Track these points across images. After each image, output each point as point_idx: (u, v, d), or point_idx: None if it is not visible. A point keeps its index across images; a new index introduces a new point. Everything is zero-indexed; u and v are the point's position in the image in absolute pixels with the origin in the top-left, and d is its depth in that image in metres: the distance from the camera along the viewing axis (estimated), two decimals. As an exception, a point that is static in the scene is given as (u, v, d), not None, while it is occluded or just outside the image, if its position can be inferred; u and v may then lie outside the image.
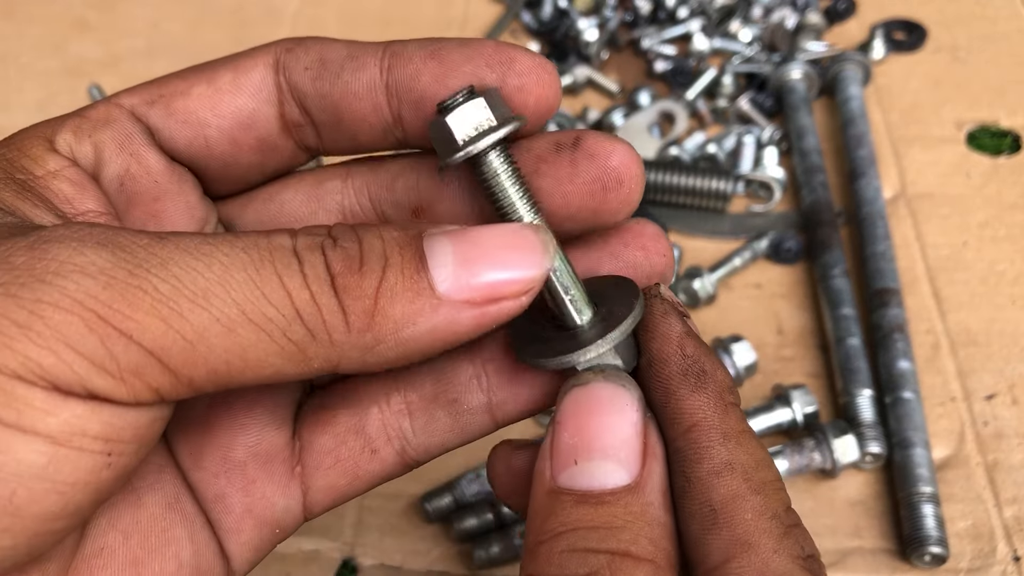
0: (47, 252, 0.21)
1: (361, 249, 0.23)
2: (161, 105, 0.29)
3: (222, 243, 0.22)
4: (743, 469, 0.25)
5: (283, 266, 0.22)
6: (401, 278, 0.23)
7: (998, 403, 0.57)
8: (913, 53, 0.82)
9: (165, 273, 0.21)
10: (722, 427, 0.25)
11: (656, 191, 0.68)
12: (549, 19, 0.85)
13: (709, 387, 0.26)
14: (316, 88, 0.28)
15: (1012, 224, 0.68)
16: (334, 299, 0.22)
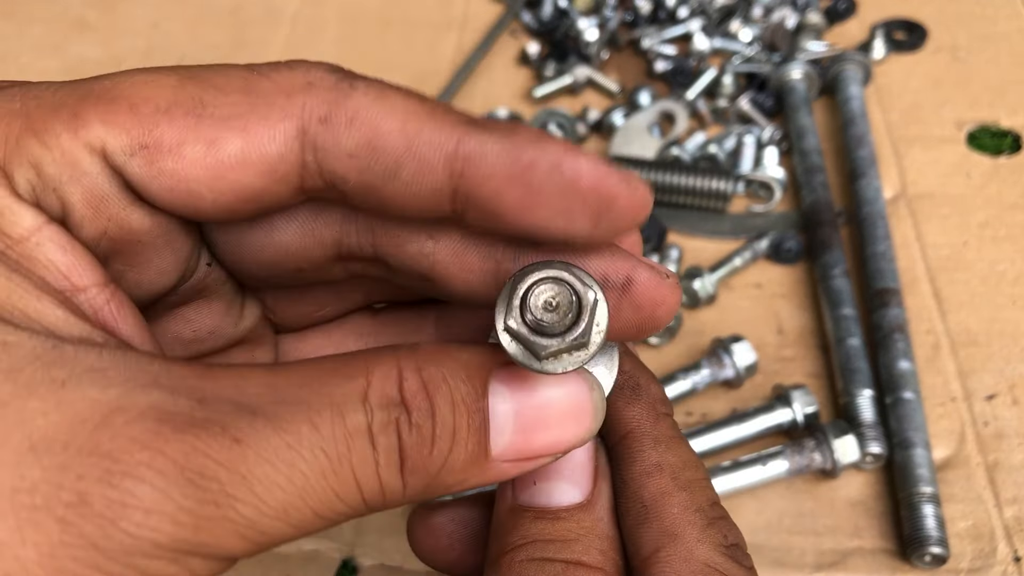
0: (126, 496, 0.19)
1: (434, 426, 0.22)
2: (143, 158, 0.23)
3: (302, 445, 0.21)
4: (671, 469, 0.27)
5: (359, 463, 0.22)
6: (464, 453, 0.23)
7: (998, 403, 0.57)
8: (913, 53, 0.82)
9: (249, 496, 0.20)
10: (653, 433, 0.28)
11: (656, 191, 0.68)
12: (549, 19, 0.85)
13: (643, 399, 0.29)
14: (362, 181, 0.23)
15: (1012, 224, 0.68)
16: (399, 479, 0.23)
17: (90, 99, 0.23)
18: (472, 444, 0.23)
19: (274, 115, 0.22)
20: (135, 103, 0.23)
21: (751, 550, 0.51)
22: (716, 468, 0.52)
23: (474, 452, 0.23)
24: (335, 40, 0.85)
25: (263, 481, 0.20)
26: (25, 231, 0.22)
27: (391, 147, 0.23)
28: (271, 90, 0.23)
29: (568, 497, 0.27)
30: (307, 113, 0.23)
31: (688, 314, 0.63)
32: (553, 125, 0.74)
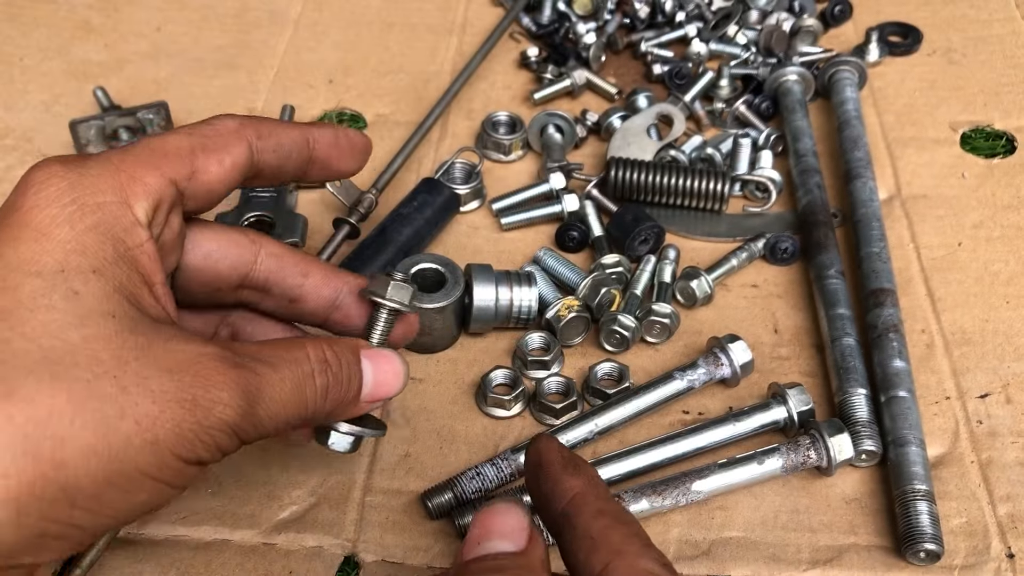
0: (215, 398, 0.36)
1: (340, 375, 0.41)
2: (193, 180, 0.40)
3: (285, 378, 0.38)
4: (611, 513, 0.36)
5: (309, 390, 0.39)
6: (351, 392, 0.41)
7: (992, 402, 0.58)
8: (908, 56, 0.83)
9: (266, 401, 0.37)
10: (595, 492, 0.37)
11: (653, 193, 0.69)
12: (548, 22, 0.86)
13: (583, 472, 0.38)
14: (274, 163, 0.44)
15: (1006, 225, 0.69)
16: (325, 401, 0.40)
17: (154, 153, 0.39)
18: (354, 388, 0.41)
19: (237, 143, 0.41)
20: (173, 152, 0.39)
21: (747, 546, 0.51)
22: (712, 465, 0.53)
23: (355, 393, 0.42)
24: (337, 43, 0.85)
25: (270, 395, 0.37)
26: (136, 245, 0.37)
27: (287, 144, 0.44)
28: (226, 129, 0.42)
29: (506, 547, 0.35)
30: (248, 136, 0.42)
31: (685, 314, 0.63)
32: (552, 127, 0.75)
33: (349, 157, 0.47)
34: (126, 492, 0.33)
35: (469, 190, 0.70)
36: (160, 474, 0.34)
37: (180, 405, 0.34)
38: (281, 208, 0.66)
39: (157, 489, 0.34)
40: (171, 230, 0.39)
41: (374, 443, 0.56)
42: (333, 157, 0.46)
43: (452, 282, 0.59)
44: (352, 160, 0.47)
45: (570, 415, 0.57)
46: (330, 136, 0.46)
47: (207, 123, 0.41)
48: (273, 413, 0.37)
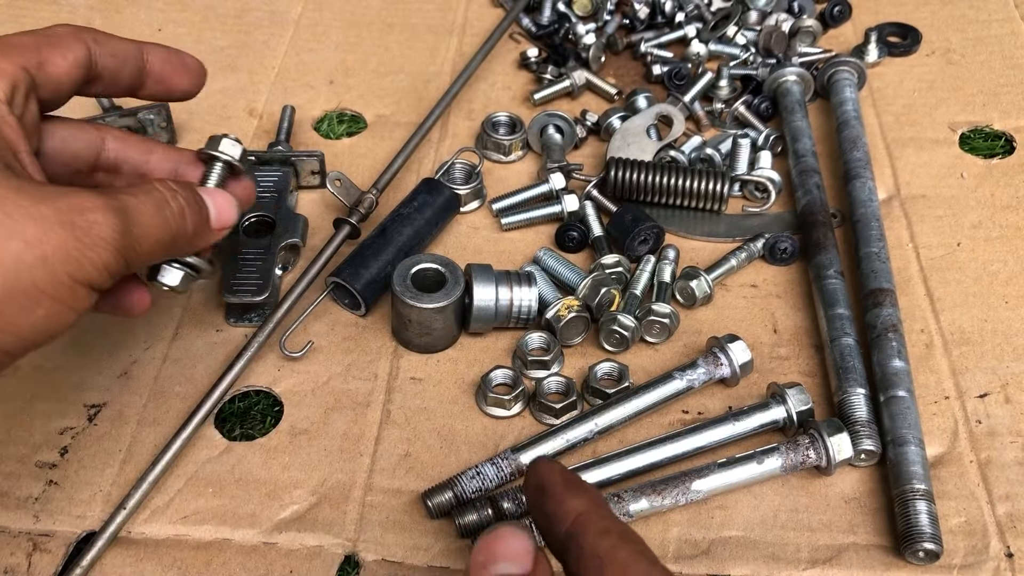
0: (95, 232, 0.41)
1: (194, 203, 0.48)
2: (41, 70, 0.46)
3: (149, 205, 0.44)
4: (617, 532, 0.37)
5: (170, 212, 0.46)
6: (204, 219, 0.48)
7: (991, 401, 0.58)
8: (907, 56, 0.83)
9: (136, 229, 0.43)
10: (599, 512, 0.38)
11: (653, 193, 0.69)
12: (548, 23, 0.86)
13: (586, 492, 0.39)
14: (112, 66, 0.50)
15: (1005, 225, 0.69)
16: (186, 223, 0.47)
17: (5, 45, 0.45)
18: (205, 213, 0.48)
19: (77, 42, 0.47)
20: (22, 45, 0.45)
21: (746, 545, 0.52)
22: (712, 465, 0.53)
23: (206, 217, 0.48)
24: (337, 44, 0.86)
25: (138, 215, 0.43)
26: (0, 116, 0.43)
27: (122, 51, 0.50)
28: (65, 31, 0.48)
29: (512, 571, 0.36)
30: (86, 38, 0.48)
31: (685, 314, 0.64)
32: (552, 128, 0.75)
33: (183, 73, 0.52)
34: (24, 308, 0.39)
35: (469, 190, 0.70)
36: (55, 291, 0.39)
37: (62, 226, 0.39)
38: (281, 208, 0.66)
39: (54, 308, 0.40)
40: (29, 114, 0.45)
41: (374, 443, 0.56)
42: (167, 72, 0.52)
43: (452, 282, 0.59)
44: (185, 77, 0.52)
45: (570, 415, 0.57)
46: (163, 52, 0.52)
47: (48, 28, 0.48)
48: (146, 232, 0.43)
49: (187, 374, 0.60)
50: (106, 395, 0.58)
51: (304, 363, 0.61)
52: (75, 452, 0.55)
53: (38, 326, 0.40)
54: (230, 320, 0.63)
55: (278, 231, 0.64)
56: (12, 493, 0.53)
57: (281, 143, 0.73)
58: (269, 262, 0.62)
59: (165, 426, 0.57)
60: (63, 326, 0.41)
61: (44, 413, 0.57)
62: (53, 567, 0.50)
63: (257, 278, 0.61)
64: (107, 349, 0.61)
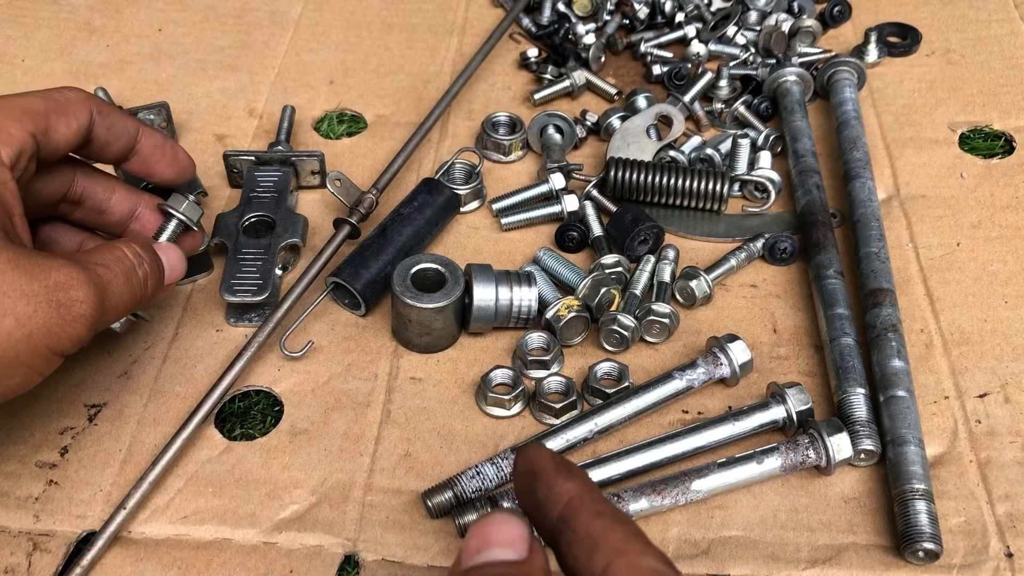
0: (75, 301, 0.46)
1: (155, 268, 0.52)
2: (46, 136, 0.49)
3: (119, 273, 0.49)
4: (610, 514, 0.36)
5: (135, 280, 0.50)
6: (161, 280, 0.53)
7: (990, 401, 0.58)
8: (907, 56, 0.83)
9: (109, 296, 0.48)
10: (591, 495, 0.37)
11: (653, 193, 0.69)
12: (548, 23, 0.86)
13: (578, 476, 0.38)
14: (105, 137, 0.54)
15: (1005, 225, 0.69)
16: (147, 288, 0.51)
17: (17, 110, 0.48)
18: (160, 278, 0.52)
19: (83, 111, 0.51)
20: (33, 111, 0.49)
21: (746, 545, 0.52)
22: (712, 465, 0.53)
23: (161, 279, 0.52)
24: (337, 44, 0.86)
25: (111, 289, 0.47)
26: (3, 181, 0.46)
27: (120, 127, 0.54)
28: (75, 98, 0.51)
29: (507, 556, 0.35)
30: (92, 108, 0.52)
31: (685, 314, 0.64)
32: (552, 128, 0.75)
33: (169, 164, 0.57)
34: (3, 376, 0.44)
35: (469, 190, 0.70)
36: (32, 362, 0.44)
37: (48, 305, 0.43)
38: (281, 208, 0.66)
39: (27, 375, 0.45)
40: (27, 175, 0.49)
41: (374, 443, 0.56)
42: (155, 159, 0.56)
43: (452, 282, 0.59)
44: (169, 168, 0.57)
45: (570, 414, 0.58)
46: (158, 139, 0.56)
47: (57, 91, 0.51)
48: (116, 303, 0.47)
49: (187, 374, 0.60)
50: (106, 395, 0.59)
51: (304, 363, 0.61)
52: (75, 452, 0.55)
53: (9, 389, 0.45)
54: (230, 320, 0.63)
55: (278, 231, 0.65)
56: (12, 493, 0.53)
57: (281, 143, 0.73)
58: (269, 262, 0.62)
59: (165, 426, 0.57)
60: (28, 388, 0.46)
61: (44, 413, 0.57)
62: (53, 567, 0.50)
63: (257, 278, 0.61)
64: (107, 349, 0.61)
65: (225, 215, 0.66)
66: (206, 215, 0.68)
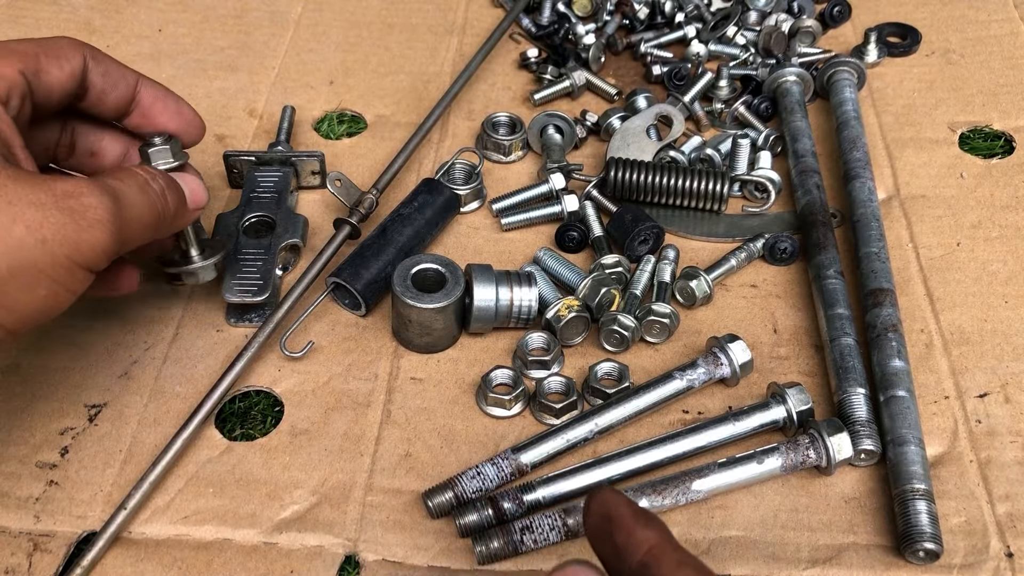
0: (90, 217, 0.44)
1: (173, 187, 0.51)
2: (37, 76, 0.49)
3: (134, 188, 0.48)
4: (692, 565, 0.37)
5: (152, 193, 0.49)
6: (181, 200, 0.52)
7: (991, 401, 0.58)
8: (907, 56, 0.83)
9: (127, 212, 0.46)
10: (671, 543, 0.38)
11: (653, 193, 0.69)
12: (548, 23, 0.86)
13: (656, 524, 0.38)
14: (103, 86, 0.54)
15: (1004, 225, 0.69)
16: (167, 202, 0.50)
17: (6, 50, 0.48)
18: (182, 195, 0.52)
19: (75, 55, 0.51)
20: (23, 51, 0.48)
21: (747, 545, 0.52)
22: (712, 465, 0.53)
23: (182, 198, 0.52)
24: (337, 44, 0.86)
25: (128, 199, 0.46)
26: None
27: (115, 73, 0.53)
28: (67, 43, 0.51)
29: None
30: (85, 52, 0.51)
31: (685, 314, 0.64)
32: (552, 128, 0.75)
33: (172, 116, 0.55)
34: (26, 288, 0.42)
35: (469, 190, 0.70)
36: (54, 273, 0.42)
37: (60, 211, 0.42)
38: (282, 208, 0.66)
39: (52, 289, 0.43)
40: (23, 115, 0.48)
41: (375, 443, 0.56)
42: (156, 109, 0.54)
43: (452, 282, 0.59)
44: (174, 120, 0.55)
45: (570, 415, 0.58)
46: (158, 90, 0.55)
47: (50, 38, 0.51)
48: (135, 213, 0.46)
49: (187, 374, 0.60)
50: (106, 395, 0.59)
51: (304, 363, 0.61)
52: (76, 452, 0.55)
53: (38, 306, 0.43)
54: (230, 320, 0.63)
55: (278, 231, 0.65)
56: (13, 493, 0.53)
57: (281, 143, 0.73)
58: (269, 262, 0.62)
59: (165, 426, 0.57)
60: (60, 307, 0.44)
61: (45, 413, 0.57)
62: (54, 567, 0.50)
63: (257, 278, 0.61)
64: (108, 349, 0.61)
65: (225, 215, 0.66)
66: (206, 217, 0.69)
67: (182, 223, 0.52)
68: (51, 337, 0.61)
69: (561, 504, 0.52)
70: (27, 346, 0.61)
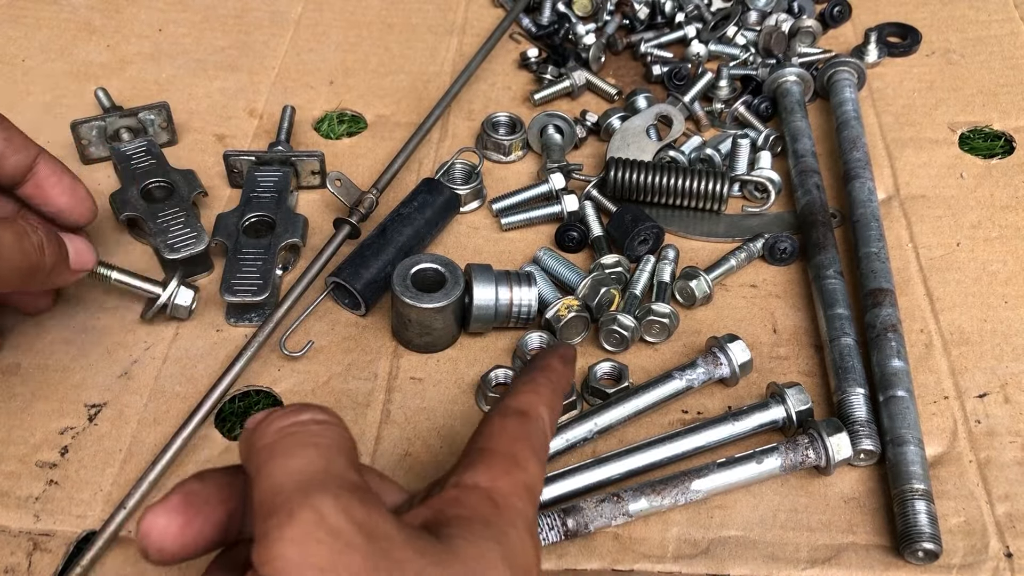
0: None
1: (53, 243, 0.53)
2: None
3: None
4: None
5: (28, 246, 0.51)
6: (62, 257, 0.53)
7: (990, 401, 0.58)
8: (907, 56, 0.83)
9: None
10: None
11: (653, 193, 0.69)
12: (548, 23, 0.86)
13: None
14: None
15: (1004, 225, 0.69)
16: (43, 258, 0.51)
17: None
18: (64, 252, 0.53)
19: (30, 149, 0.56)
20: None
21: (746, 545, 0.52)
22: (711, 465, 0.53)
23: (65, 255, 0.53)
24: (337, 44, 0.86)
25: (2, 246, 0.48)
26: None
27: (20, 143, 0.56)
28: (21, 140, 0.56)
29: None
30: None
31: (684, 314, 0.64)
32: (552, 128, 0.75)
33: (65, 191, 0.57)
34: None
35: (469, 190, 0.70)
36: None
37: None
38: (281, 208, 0.66)
39: None
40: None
41: (374, 443, 0.56)
42: (50, 183, 0.56)
43: (452, 282, 0.59)
44: (64, 197, 0.57)
45: (570, 414, 0.58)
46: (57, 165, 0.57)
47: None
48: (8, 260, 0.48)
49: (187, 374, 0.60)
50: (106, 395, 0.59)
51: (304, 363, 0.61)
52: (75, 452, 0.56)
53: None
54: (230, 320, 0.63)
55: (278, 231, 0.65)
56: (12, 493, 0.53)
57: (281, 143, 0.73)
58: (269, 262, 0.62)
59: (165, 426, 0.57)
60: None
61: (44, 413, 0.57)
62: (53, 567, 0.50)
63: (257, 278, 0.61)
64: (107, 349, 0.61)
65: (225, 215, 0.66)
66: (206, 216, 0.69)
67: (61, 281, 0.54)
68: (51, 337, 0.61)
69: (560, 504, 0.52)
70: (27, 346, 0.61)
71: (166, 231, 0.63)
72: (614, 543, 0.51)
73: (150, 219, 0.64)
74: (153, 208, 0.65)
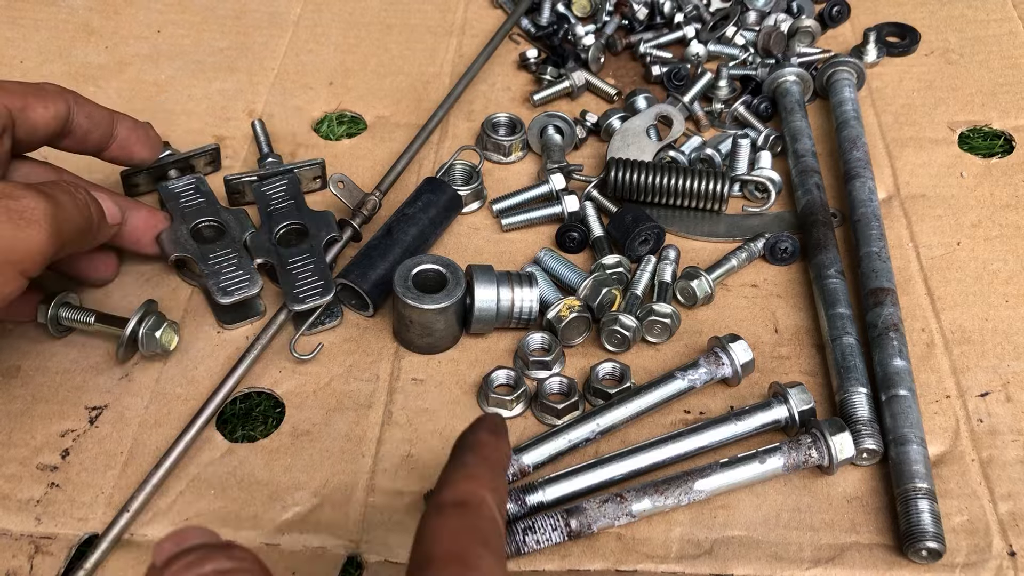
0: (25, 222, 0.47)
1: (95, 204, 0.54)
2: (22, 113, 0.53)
3: (64, 200, 0.50)
4: None
5: (81, 205, 0.52)
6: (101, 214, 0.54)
7: (992, 400, 0.58)
8: (906, 56, 0.84)
9: (53, 222, 0.48)
10: None
11: (653, 193, 0.69)
12: (547, 24, 0.86)
13: None
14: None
15: (1005, 224, 0.69)
16: (92, 214, 0.52)
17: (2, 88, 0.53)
18: (100, 210, 0.53)
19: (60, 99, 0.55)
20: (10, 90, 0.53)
21: (749, 544, 0.52)
22: (714, 464, 0.53)
23: (101, 212, 0.53)
24: (337, 45, 0.86)
25: (60, 202, 0.48)
26: None
27: (97, 115, 0.58)
28: (52, 88, 0.56)
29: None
30: (68, 98, 0.56)
31: (686, 314, 0.64)
32: (552, 128, 0.75)
33: (143, 143, 0.60)
34: None
35: (470, 191, 0.70)
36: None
37: (2, 214, 0.43)
38: (304, 211, 0.64)
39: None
40: (2, 147, 0.52)
41: (376, 444, 0.56)
42: (131, 141, 0.60)
43: (453, 283, 0.59)
44: (144, 147, 0.61)
45: (572, 415, 0.58)
46: (131, 123, 0.60)
47: (39, 83, 0.55)
48: (68, 216, 0.48)
49: (188, 376, 0.60)
50: (107, 397, 0.58)
51: (306, 364, 0.61)
52: (77, 454, 0.55)
53: None
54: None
55: (313, 232, 0.63)
56: (14, 496, 0.53)
57: (271, 155, 0.71)
58: (321, 262, 0.61)
59: (167, 428, 0.57)
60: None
61: (45, 415, 0.57)
62: (55, 570, 0.50)
63: (317, 280, 0.60)
64: (108, 351, 0.61)
65: (256, 236, 0.63)
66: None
67: (103, 236, 0.54)
68: (52, 339, 0.61)
69: (563, 505, 0.52)
70: (28, 348, 0.61)
71: (218, 273, 0.60)
72: (617, 543, 0.51)
73: (201, 261, 0.60)
74: (204, 249, 0.61)
